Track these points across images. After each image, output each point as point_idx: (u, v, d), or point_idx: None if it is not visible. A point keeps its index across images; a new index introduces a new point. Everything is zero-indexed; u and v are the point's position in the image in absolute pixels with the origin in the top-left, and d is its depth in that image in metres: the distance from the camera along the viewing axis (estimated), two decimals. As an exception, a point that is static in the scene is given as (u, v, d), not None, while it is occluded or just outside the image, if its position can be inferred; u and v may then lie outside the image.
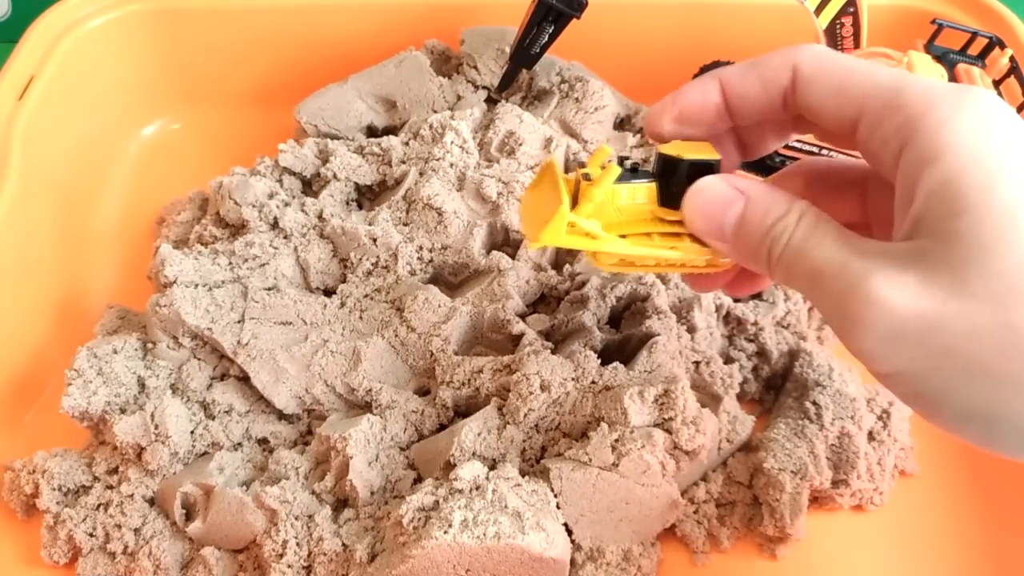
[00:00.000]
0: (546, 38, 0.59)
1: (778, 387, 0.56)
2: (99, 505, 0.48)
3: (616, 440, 0.46)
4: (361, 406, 0.51)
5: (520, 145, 0.59)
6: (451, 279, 0.56)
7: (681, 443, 0.47)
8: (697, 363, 0.52)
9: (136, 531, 0.47)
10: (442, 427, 0.51)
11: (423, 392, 0.52)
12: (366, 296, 0.54)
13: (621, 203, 0.36)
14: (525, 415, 0.47)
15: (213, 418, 0.50)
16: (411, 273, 0.54)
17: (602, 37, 0.69)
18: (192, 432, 0.49)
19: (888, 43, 0.57)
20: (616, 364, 0.49)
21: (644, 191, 0.36)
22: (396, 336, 0.52)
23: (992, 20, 0.67)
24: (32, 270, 0.57)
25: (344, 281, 0.55)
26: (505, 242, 0.57)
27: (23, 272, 0.56)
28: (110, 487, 0.49)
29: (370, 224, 0.55)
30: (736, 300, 0.56)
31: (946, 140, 0.29)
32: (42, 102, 0.62)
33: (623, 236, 0.37)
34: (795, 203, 0.33)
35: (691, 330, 0.53)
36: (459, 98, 0.66)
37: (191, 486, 0.47)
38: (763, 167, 0.59)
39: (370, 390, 0.50)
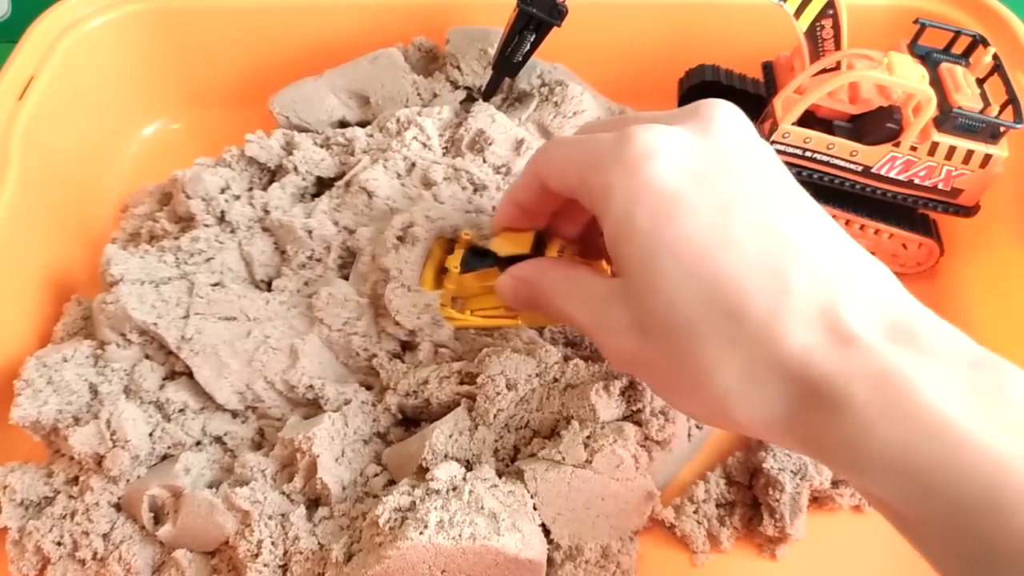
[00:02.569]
0: (528, 46, 0.59)
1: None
2: (64, 514, 0.48)
3: (587, 437, 0.46)
4: (303, 404, 0.52)
5: (490, 144, 0.59)
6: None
7: (652, 434, 0.47)
8: None
9: (105, 536, 0.47)
10: (399, 423, 0.52)
11: (367, 387, 0.53)
12: (298, 291, 0.54)
13: (474, 284, 0.50)
14: (495, 416, 0.48)
15: (169, 419, 0.50)
16: (340, 266, 0.55)
17: (587, 39, 0.69)
18: (151, 434, 0.49)
19: (880, 43, 0.57)
20: (576, 360, 0.50)
21: (489, 275, 0.48)
22: (322, 334, 0.52)
23: (986, 16, 0.68)
24: (32, 270, 0.58)
25: (273, 278, 0.55)
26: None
27: (22, 272, 0.57)
28: (72, 497, 0.48)
29: (308, 216, 0.56)
30: None
31: (606, 207, 0.37)
32: (42, 102, 0.62)
33: (479, 309, 0.51)
34: (548, 275, 0.43)
35: None
36: (435, 96, 0.66)
37: (158, 489, 0.47)
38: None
39: (311, 387, 0.51)
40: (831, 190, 0.59)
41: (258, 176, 0.63)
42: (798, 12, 0.54)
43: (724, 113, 0.39)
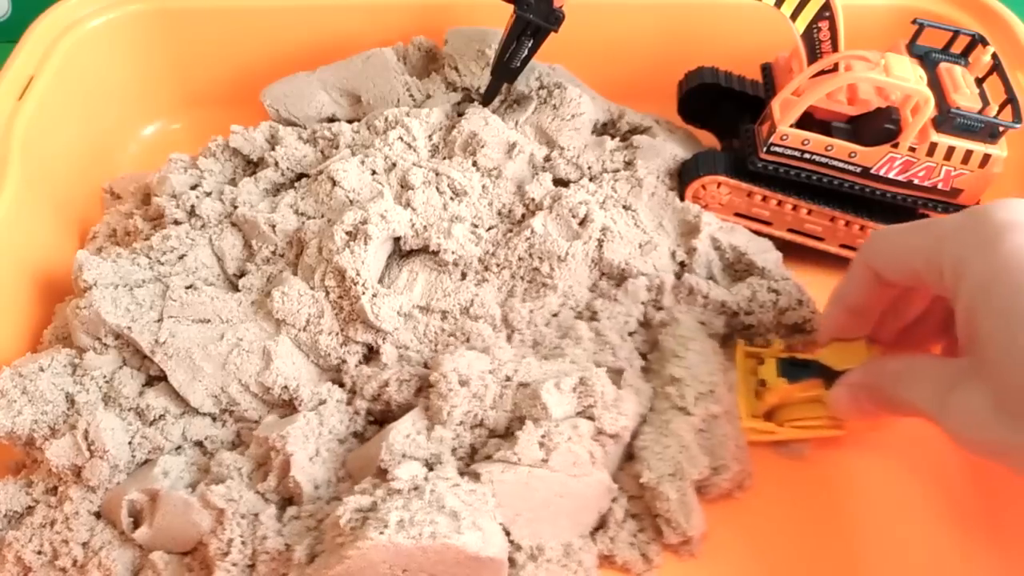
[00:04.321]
0: (526, 52, 0.59)
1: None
2: (44, 524, 0.48)
3: (543, 436, 0.46)
4: (279, 405, 0.52)
5: (482, 147, 0.59)
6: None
7: (605, 428, 0.47)
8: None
9: (84, 544, 0.47)
10: (374, 422, 0.52)
11: (340, 385, 0.53)
12: (262, 289, 0.54)
13: (795, 394, 0.51)
14: (449, 413, 0.47)
15: (150, 425, 0.50)
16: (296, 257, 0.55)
17: (587, 40, 0.69)
18: (130, 442, 0.49)
19: (879, 43, 0.57)
20: (530, 359, 0.50)
21: (812, 385, 0.50)
22: (291, 334, 0.52)
23: (985, 16, 0.68)
24: (31, 270, 0.58)
25: (246, 272, 0.56)
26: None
27: (22, 272, 0.57)
28: (52, 506, 0.48)
29: (273, 210, 0.56)
30: None
31: (960, 284, 0.37)
32: (42, 102, 0.63)
33: (795, 420, 0.51)
34: (885, 370, 0.43)
35: None
36: (428, 97, 0.66)
37: (136, 493, 0.47)
38: (746, 173, 0.59)
39: (286, 387, 0.50)
40: (831, 191, 0.58)
41: (242, 167, 0.63)
42: (794, 14, 0.54)
43: None
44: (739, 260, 0.59)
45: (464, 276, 0.56)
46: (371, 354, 0.54)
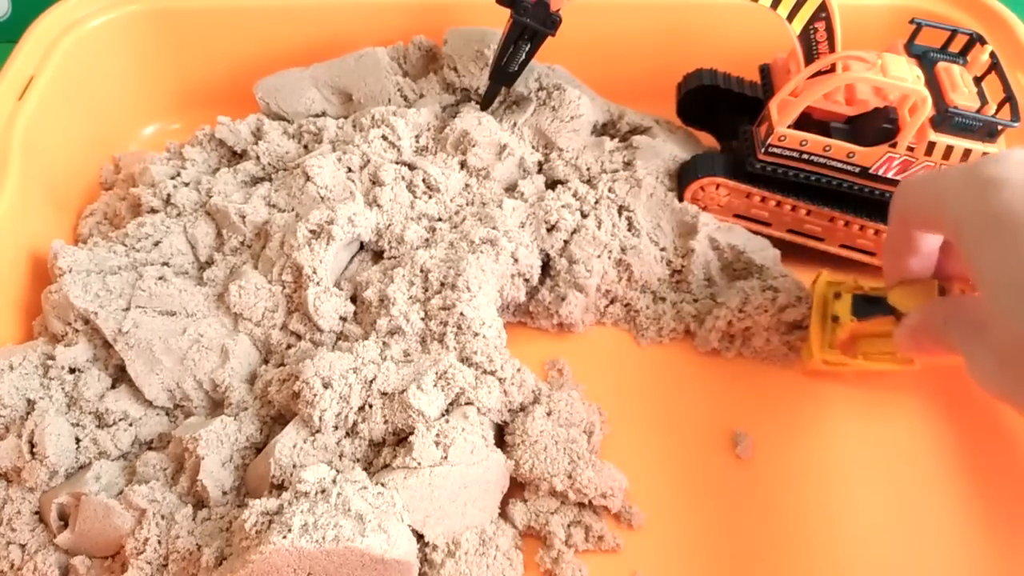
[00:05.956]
0: (523, 56, 0.59)
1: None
2: None
3: (437, 435, 0.46)
4: (221, 404, 0.51)
5: (473, 146, 0.59)
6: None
7: (482, 404, 0.48)
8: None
9: (23, 546, 0.47)
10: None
11: None
12: (224, 281, 0.54)
13: (866, 329, 0.52)
14: (321, 418, 0.47)
15: (108, 427, 0.49)
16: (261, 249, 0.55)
17: (587, 40, 0.69)
18: (78, 446, 0.49)
19: (878, 42, 0.57)
20: (388, 363, 0.49)
21: (884, 322, 0.51)
22: (247, 328, 0.52)
23: (984, 16, 0.68)
24: (31, 270, 0.58)
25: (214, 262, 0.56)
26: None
27: (22, 271, 0.57)
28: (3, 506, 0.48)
29: (245, 201, 0.56)
30: None
31: (959, 240, 0.38)
32: (42, 102, 0.63)
33: (870, 353, 0.53)
34: (936, 312, 0.44)
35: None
36: (420, 97, 0.67)
37: (66, 497, 0.46)
38: (745, 174, 0.59)
39: (228, 388, 0.50)
40: (829, 192, 0.58)
41: (227, 158, 0.64)
42: (791, 15, 0.54)
43: None
44: (737, 259, 0.59)
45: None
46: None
